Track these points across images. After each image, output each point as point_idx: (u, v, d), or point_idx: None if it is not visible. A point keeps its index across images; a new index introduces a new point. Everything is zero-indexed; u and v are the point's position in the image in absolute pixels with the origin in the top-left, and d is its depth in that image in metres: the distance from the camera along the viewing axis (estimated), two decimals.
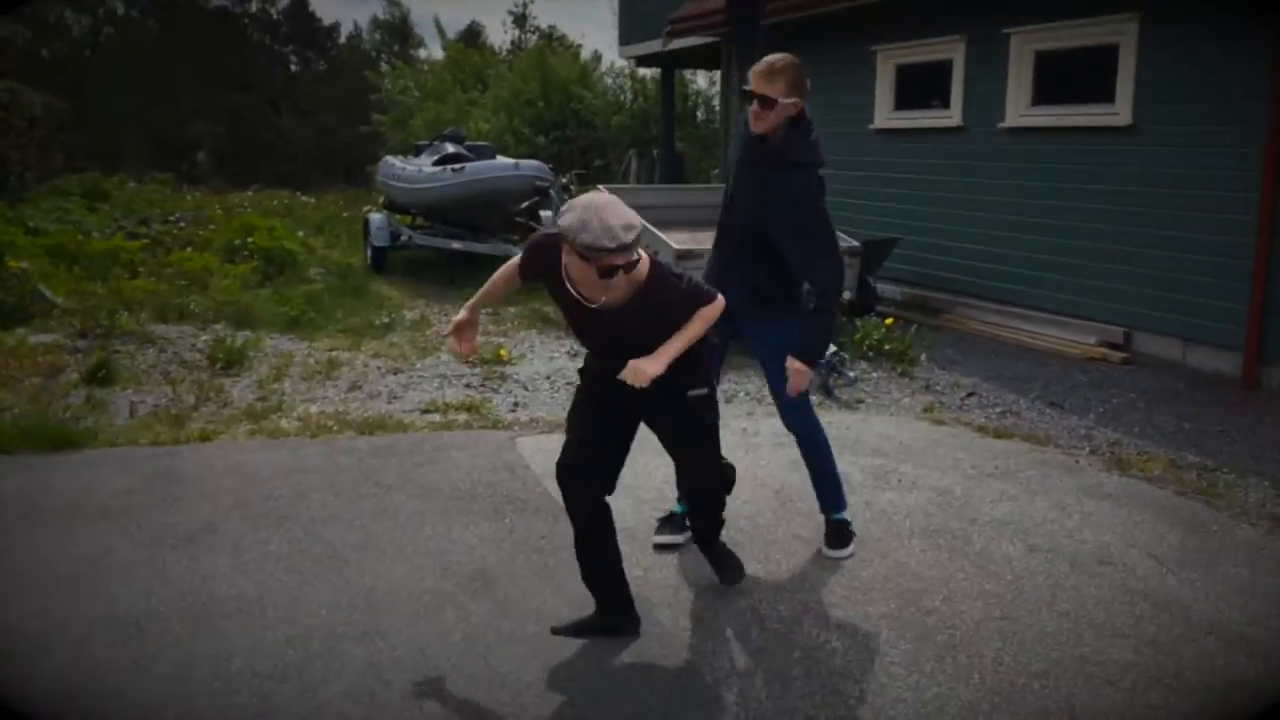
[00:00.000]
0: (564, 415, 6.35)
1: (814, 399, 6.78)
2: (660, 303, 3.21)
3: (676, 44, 14.81)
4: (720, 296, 3.37)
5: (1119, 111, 7.97)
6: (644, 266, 3.18)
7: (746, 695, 3.11)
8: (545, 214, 11.90)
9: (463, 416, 6.14)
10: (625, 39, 17.06)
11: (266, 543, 4.11)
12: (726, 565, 3.92)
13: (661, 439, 3.68)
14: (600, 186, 9.69)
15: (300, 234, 12.27)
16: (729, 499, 4.06)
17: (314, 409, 6.13)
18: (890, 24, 10.29)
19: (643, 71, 20.48)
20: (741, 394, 6.96)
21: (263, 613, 3.52)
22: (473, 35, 44.46)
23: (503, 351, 7.58)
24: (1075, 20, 8.31)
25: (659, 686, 3.13)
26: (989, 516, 4.70)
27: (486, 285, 3.60)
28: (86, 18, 38.07)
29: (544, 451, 5.43)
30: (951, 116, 9.67)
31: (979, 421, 6.37)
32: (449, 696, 3.03)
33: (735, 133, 4.04)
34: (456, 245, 11.34)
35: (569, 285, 3.19)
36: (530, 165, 11.00)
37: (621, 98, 20.93)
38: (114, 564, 3.86)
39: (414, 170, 11.65)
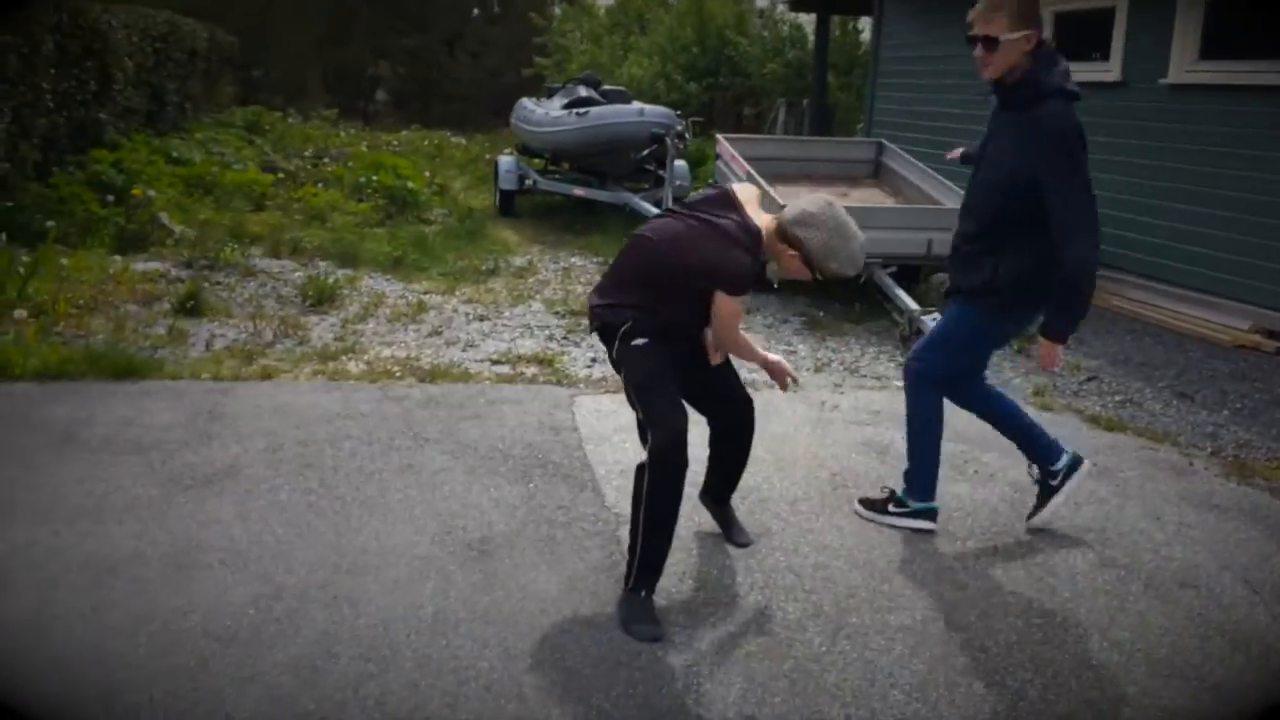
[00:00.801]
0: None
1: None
2: None
3: None
4: None
5: None
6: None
7: (712, 709, 2.80)
8: (679, 164, 11.57)
9: (531, 370, 5.95)
10: None
11: (278, 490, 4.02)
12: (739, 526, 3.89)
13: (715, 391, 3.64)
14: (719, 136, 9.30)
15: (426, 174, 12.30)
16: (777, 479, 4.17)
17: (386, 353, 6.06)
18: None
19: (802, 18, 19.69)
20: (835, 363, 6.53)
21: (243, 566, 3.41)
22: None
23: None
24: None
25: (618, 690, 2.85)
26: (1067, 521, 4.20)
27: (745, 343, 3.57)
28: None
29: (599, 413, 5.19)
30: (1110, 70, 8.79)
31: (1093, 410, 5.77)
32: (390, 679, 2.84)
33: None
34: (579, 191, 11.14)
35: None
36: (655, 111, 10.65)
37: (779, 45, 20.19)
38: (120, 501, 3.83)
39: (542, 113, 11.47)
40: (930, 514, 3.99)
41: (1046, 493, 4.08)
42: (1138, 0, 8.50)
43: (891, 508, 4.03)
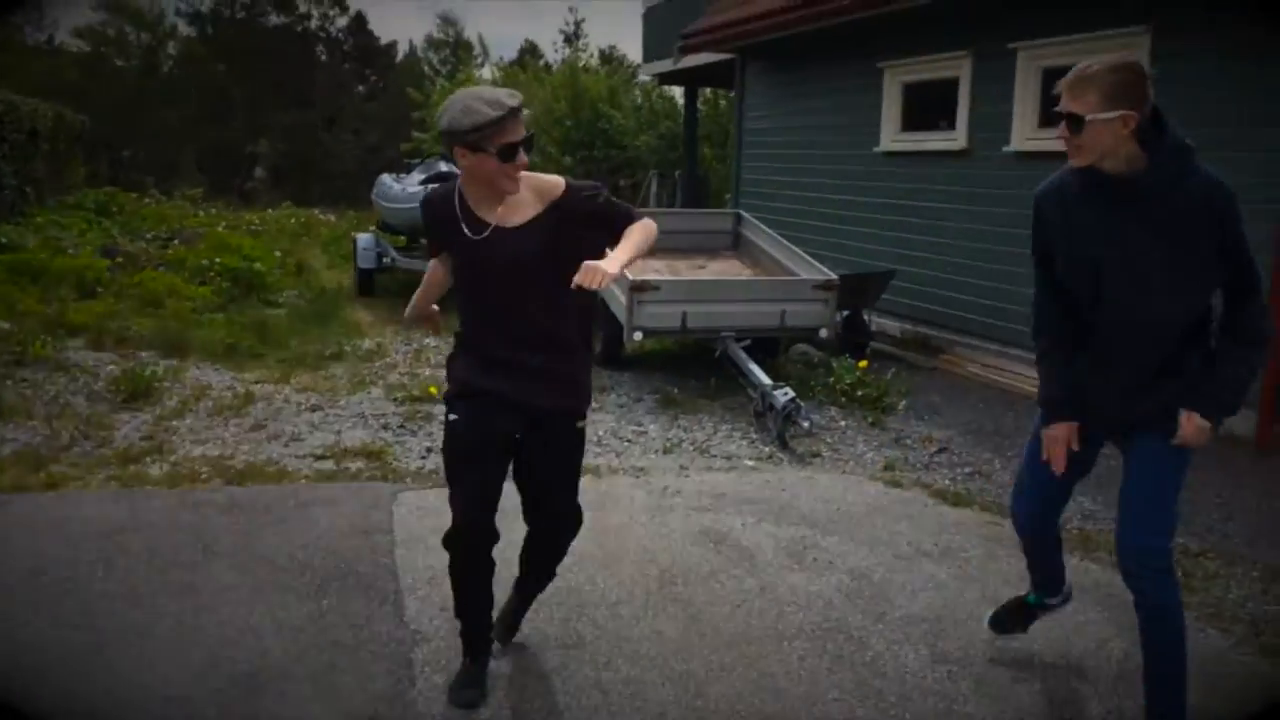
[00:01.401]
0: None
1: (779, 454, 6.09)
2: (576, 214, 3.01)
3: (693, 61, 14.21)
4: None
5: None
6: (557, 181, 3.05)
7: None
8: None
9: (358, 464, 5.56)
10: (648, 55, 16.50)
11: (26, 626, 3.55)
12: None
13: (532, 475, 3.22)
14: None
15: (277, 253, 11.86)
16: (601, 578, 3.85)
17: (197, 452, 5.60)
18: (898, 38, 9.57)
19: (674, 90, 19.90)
20: (685, 443, 6.28)
21: None
22: (529, 53, 44.42)
23: (433, 389, 6.98)
24: (1086, 33, 7.51)
25: None
26: (902, 612, 3.97)
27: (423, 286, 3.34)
28: (146, 34, 38.67)
29: (422, 510, 4.83)
30: (956, 139, 8.90)
31: (940, 484, 5.62)
32: None
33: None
34: None
35: (469, 216, 2.99)
36: None
37: (653, 118, 20.34)
38: None
39: (399, 189, 11.19)
40: None
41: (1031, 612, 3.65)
42: (980, 72, 8.63)
43: None
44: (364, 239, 11.41)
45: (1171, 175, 2.75)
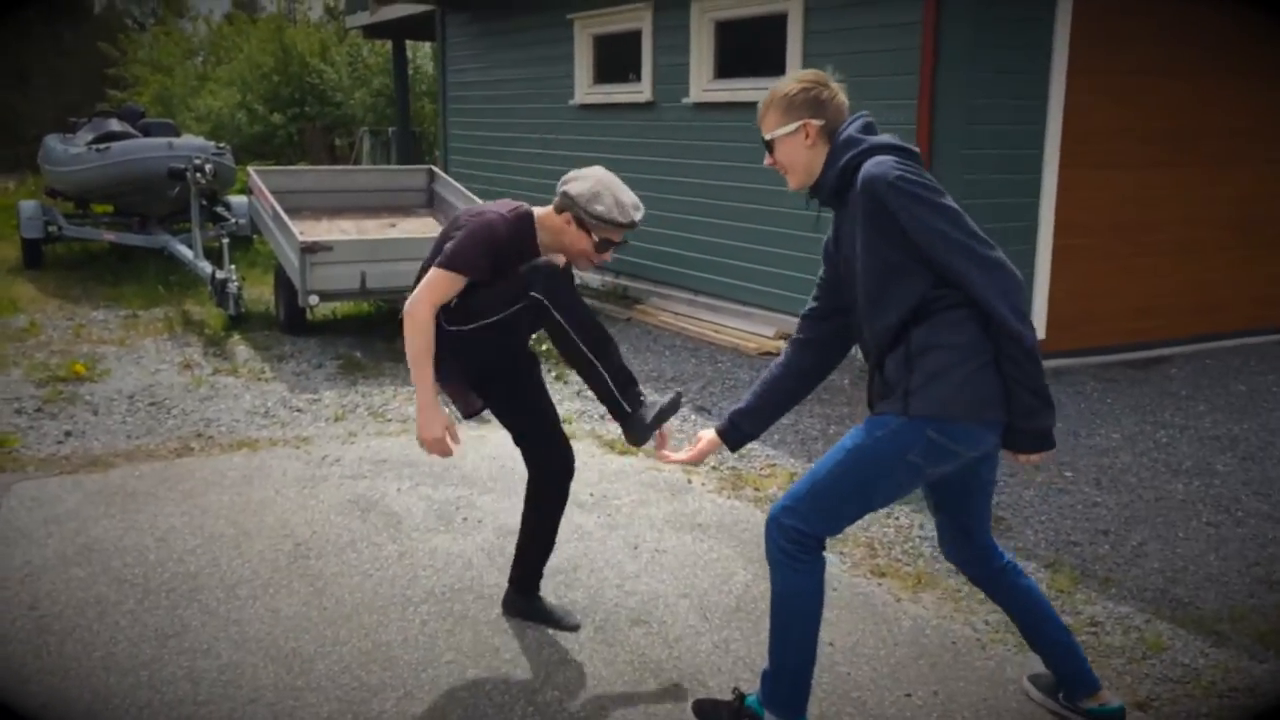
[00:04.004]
0: (130, 443, 5.35)
1: (456, 413, 5.86)
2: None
3: (396, 13, 13.72)
4: None
5: None
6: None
7: None
8: (238, 200, 10.67)
9: None
10: (352, 6, 15.81)
11: None
12: (561, 610, 3.59)
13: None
14: (250, 170, 8.58)
15: None
16: (227, 559, 3.37)
17: None
18: None
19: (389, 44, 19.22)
20: (361, 408, 6.03)
21: None
22: (246, 7, 41.81)
23: (79, 366, 6.41)
24: None
25: None
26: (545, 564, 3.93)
27: (422, 352, 3.02)
28: None
29: (36, 501, 4.40)
30: (642, 91, 8.98)
31: (611, 435, 5.65)
32: None
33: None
34: (109, 236, 10.01)
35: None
36: (189, 145, 9.72)
37: (367, 73, 19.60)
38: None
39: (63, 150, 10.23)
40: None
41: None
42: (660, 24, 8.72)
43: None
44: (28, 206, 10.35)
45: (836, 176, 2.61)
